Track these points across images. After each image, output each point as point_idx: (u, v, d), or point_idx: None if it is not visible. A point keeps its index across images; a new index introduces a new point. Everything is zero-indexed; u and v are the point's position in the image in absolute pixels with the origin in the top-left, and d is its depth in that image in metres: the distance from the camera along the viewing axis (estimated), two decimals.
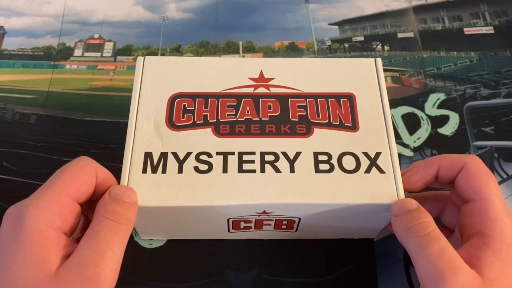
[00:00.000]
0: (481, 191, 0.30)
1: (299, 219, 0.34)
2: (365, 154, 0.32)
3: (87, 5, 0.58)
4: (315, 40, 0.56)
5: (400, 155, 0.45)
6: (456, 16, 0.58)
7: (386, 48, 0.57)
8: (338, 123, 0.34)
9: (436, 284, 0.26)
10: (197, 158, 0.32)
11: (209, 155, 0.32)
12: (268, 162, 0.32)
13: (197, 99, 0.34)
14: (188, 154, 0.32)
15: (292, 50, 0.56)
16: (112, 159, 0.33)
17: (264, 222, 0.34)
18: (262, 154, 0.32)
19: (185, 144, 0.32)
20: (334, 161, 0.32)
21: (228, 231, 0.36)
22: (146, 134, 0.33)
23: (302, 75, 0.36)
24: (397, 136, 0.46)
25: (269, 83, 0.35)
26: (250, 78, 0.36)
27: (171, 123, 0.33)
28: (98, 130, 0.47)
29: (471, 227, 0.30)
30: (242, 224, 0.35)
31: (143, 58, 0.36)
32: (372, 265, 0.38)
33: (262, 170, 0.31)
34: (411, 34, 0.56)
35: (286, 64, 0.37)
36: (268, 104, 0.34)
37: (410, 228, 0.28)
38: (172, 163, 0.32)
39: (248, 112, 0.34)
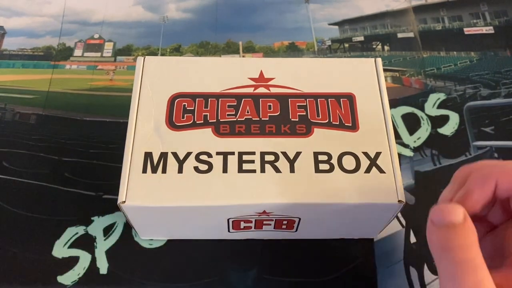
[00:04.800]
0: None
1: (299, 219, 0.34)
2: (365, 154, 0.32)
3: (87, 5, 0.58)
4: (315, 40, 0.56)
5: (400, 155, 0.45)
6: (456, 16, 0.58)
7: (386, 48, 0.57)
8: (338, 123, 0.34)
9: None
10: (197, 158, 0.32)
11: (209, 155, 0.32)
12: (268, 162, 0.32)
13: (197, 99, 0.34)
14: (188, 154, 0.32)
15: (292, 50, 0.56)
16: (112, 159, 0.33)
17: (264, 222, 0.34)
18: (262, 154, 0.32)
19: (185, 144, 0.32)
20: (334, 161, 0.32)
21: (228, 231, 0.36)
22: (146, 134, 0.33)
23: (302, 75, 0.36)
24: (397, 136, 0.46)
25: (269, 83, 0.35)
26: (250, 78, 0.36)
27: (171, 123, 0.33)
28: (98, 130, 0.47)
29: None
30: (242, 224, 0.35)
31: (143, 58, 0.36)
32: (372, 265, 0.38)
33: (262, 170, 0.31)
34: (411, 34, 0.56)
35: (286, 64, 0.37)
36: (268, 104, 0.34)
37: (448, 248, 0.24)
38: (172, 163, 0.31)
39: (248, 112, 0.34)
